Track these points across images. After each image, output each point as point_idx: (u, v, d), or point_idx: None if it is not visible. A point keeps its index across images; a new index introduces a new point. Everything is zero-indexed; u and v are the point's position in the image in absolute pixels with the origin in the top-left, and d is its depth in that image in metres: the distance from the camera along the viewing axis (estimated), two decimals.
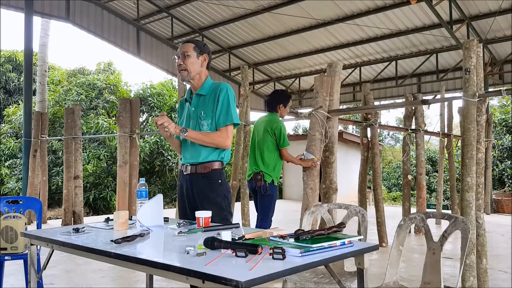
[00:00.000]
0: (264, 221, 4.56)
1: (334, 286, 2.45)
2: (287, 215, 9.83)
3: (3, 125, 16.39)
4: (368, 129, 6.84)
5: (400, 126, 11.31)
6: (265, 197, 4.57)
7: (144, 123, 16.86)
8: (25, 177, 9.31)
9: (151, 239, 2.20)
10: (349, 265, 2.64)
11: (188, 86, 2.96)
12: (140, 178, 2.84)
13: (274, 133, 4.60)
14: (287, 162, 4.72)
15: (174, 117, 15.97)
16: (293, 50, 13.54)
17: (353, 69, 13.84)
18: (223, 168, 2.84)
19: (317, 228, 3.13)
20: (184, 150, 2.86)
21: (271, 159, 4.60)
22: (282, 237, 1.92)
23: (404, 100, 9.41)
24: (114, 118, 15.15)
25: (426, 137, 7.73)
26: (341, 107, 4.74)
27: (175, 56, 2.80)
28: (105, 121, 14.68)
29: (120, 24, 13.22)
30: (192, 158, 2.78)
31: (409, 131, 7.26)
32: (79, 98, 15.43)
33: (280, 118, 4.78)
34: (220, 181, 2.77)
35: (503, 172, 15.43)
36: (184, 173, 2.82)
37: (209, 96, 2.77)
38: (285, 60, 14.28)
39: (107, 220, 2.69)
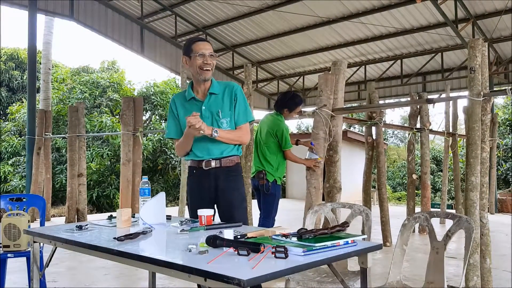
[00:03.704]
0: (266, 219, 4.55)
1: (337, 286, 2.44)
2: (290, 214, 9.82)
3: (6, 123, 16.44)
4: (373, 128, 6.82)
5: (405, 125, 11.29)
6: (268, 196, 4.56)
7: (148, 121, 16.88)
8: (28, 175, 9.33)
9: (153, 237, 2.20)
10: (353, 264, 2.62)
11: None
12: (143, 176, 2.84)
13: (276, 135, 4.60)
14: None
15: None
16: (297, 48, 13.51)
17: (358, 67, 13.80)
18: None
19: (321, 227, 3.12)
20: (202, 146, 2.82)
21: (274, 160, 4.60)
22: (285, 236, 1.91)
23: (409, 98, 9.38)
24: (117, 116, 15.17)
25: (431, 136, 7.69)
26: (345, 105, 4.74)
27: (204, 53, 2.73)
28: (108, 120, 14.71)
29: (124, 22, 13.24)
30: (215, 153, 2.82)
31: (414, 130, 7.23)
32: (83, 96, 15.46)
33: (285, 119, 4.78)
34: (241, 174, 2.98)
35: (508, 172, 15.36)
36: (205, 168, 2.82)
37: (222, 95, 2.82)
38: (289, 58, 14.25)
39: (110, 217, 2.69)
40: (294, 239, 1.87)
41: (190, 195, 2.95)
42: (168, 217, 2.68)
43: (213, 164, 2.81)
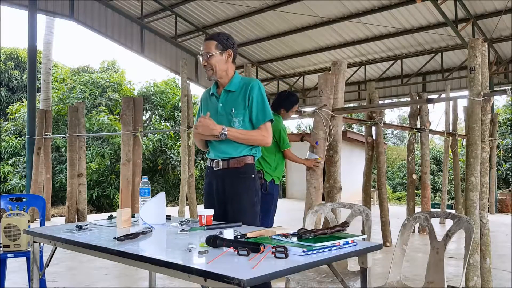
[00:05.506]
0: (265, 219, 4.55)
1: (337, 286, 2.44)
2: (290, 214, 9.82)
3: (6, 122, 16.43)
4: (373, 127, 6.82)
5: (404, 125, 11.29)
6: (266, 195, 4.54)
7: (148, 121, 16.88)
8: (28, 175, 9.33)
9: (153, 237, 2.20)
10: (353, 264, 2.62)
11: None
12: (143, 176, 2.83)
13: (274, 135, 4.57)
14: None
15: (177, 115, 15.98)
16: (297, 48, 13.51)
17: (357, 67, 13.79)
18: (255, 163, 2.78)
19: (321, 227, 3.12)
20: (213, 145, 2.76)
21: (272, 160, 4.59)
22: (285, 236, 1.91)
23: (409, 98, 9.37)
24: (117, 116, 15.17)
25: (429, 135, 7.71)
26: (345, 105, 4.76)
27: (201, 53, 2.70)
28: (105, 118, 14.70)
29: (124, 22, 13.23)
30: (224, 153, 2.69)
31: (414, 130, 7.23)
32: (83, 96, 15.47)
33: (284, 119, 4.77)
34: (253, 176, 2.71)
35: (508, 172, 15.36)
36: (215, 168, 2.72)
37: (239, 93, 2.69)
38: (289, 58, 14.24)
39: (110, 217, 2.69)
40: (294, 239, 1.87)
41: (204, 196, 2.87)
42: (168, 217, 2.68)
43: (220, 165, 2.70)
